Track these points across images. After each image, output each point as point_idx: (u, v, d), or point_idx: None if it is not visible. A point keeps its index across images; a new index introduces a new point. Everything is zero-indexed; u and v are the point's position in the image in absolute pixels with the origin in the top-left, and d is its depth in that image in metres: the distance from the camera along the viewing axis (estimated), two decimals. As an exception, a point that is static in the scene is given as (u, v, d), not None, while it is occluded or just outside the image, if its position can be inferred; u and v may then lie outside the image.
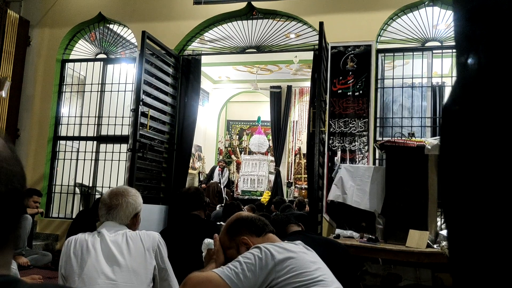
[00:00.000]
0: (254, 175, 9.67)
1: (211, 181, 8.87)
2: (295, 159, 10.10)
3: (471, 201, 0.36)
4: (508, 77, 0.37)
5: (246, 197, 9.35)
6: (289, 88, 9.94)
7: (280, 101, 9.93)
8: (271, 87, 10.02)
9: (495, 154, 0.36)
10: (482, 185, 0.36)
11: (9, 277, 0.52)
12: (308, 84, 7.46)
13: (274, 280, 1.32)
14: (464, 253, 0.37)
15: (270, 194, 9.17)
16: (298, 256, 1.39)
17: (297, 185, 9.76)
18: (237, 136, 11.50)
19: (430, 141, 3.75)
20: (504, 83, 0.37)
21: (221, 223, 3.21)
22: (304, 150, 9.28)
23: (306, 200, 6.42)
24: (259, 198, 9.11)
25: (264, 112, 10.56)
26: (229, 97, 10.79)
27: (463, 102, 0.38)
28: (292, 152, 10.20)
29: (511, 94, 0.37)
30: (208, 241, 1.62)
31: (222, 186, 8.83)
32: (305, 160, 9.18)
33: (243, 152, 10.86)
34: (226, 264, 1.40)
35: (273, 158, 9.93)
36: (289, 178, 10.00)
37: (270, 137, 10.06)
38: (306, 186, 8.69)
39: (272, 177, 9.69)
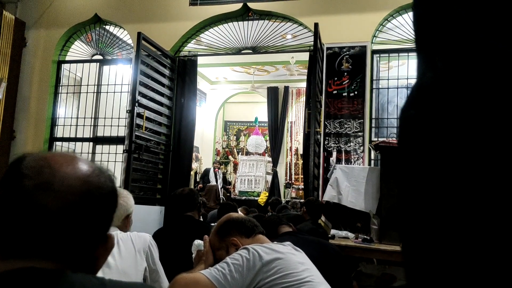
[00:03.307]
0: (252, 175, 9.66)
1: (210, 183, 8.84)
2: (292, 160, 10.10)
3: (425, 207, 0.36)
4: (463, 81, 0.37)
5: (244, 197, 9.34)
6: (286, 88, 9.95)
7: (277, 102, 9.94)
8: (268, 87, 10.02)
9: (450, 160, 0.36)
10: (437, 191, 0.36)
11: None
12: (305, 84, 7.47)
13: (262, 280, 1.33)
14: (419, 259, 0.37)
15: (267, 194, 9.17)
16: (286, 257, 1.40)
17: (294, 186, 9.76)
18: (235, 137, 11.50)
19: (425, 141, 3.75)
20: (459, 87, 0.37)
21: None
22: (301, 150, 9.28)
23: (298, 201, 6.35)
24: (256, 198, 9.12)
25: (261, 112, 10.55)
26: (226, 98, 10.80)
27: (419, 106, 0.39)
28: (289, 152, 10.20)
29: (465, 98, 0.37)
30: (197, 242, 1.63)
31: (219, 187, 8.82)
32: (302, 161, 9.17)
33: (240, 153, 10.86)
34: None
35: (270, 159, 9.94)
36: (287, 178, 10.01)
37: (268, 138, 10.07)
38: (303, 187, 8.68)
39: (269, 178, 9.69)
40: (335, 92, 4.81)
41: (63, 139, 5.86)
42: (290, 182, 9.91)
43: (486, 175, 0.34)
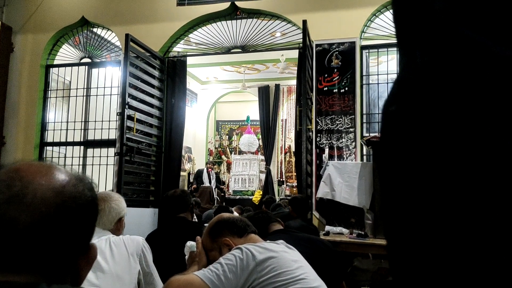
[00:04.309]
0: (245, 174, 9.66)
1: (203, 185, 8.82)
2: (285, 158, 10.11)
3: (408, 205, 0.36)
4: (443, 74, 0.37)
5: (238, 197, 9.34)
6: (277, 86, 9.95)
7: (268, 100, 9.93)
8: (259, 86, 10.01)
9: (430, 155, 0.36)
10: (417, 187, 0.36)
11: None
12: (295, 82, 7.47)
13: (256, 280, 1.33)
14: (402, 259, 0.37)
15: (261, 193, 9.18)
16: (279, 255, 1.39)
17: (288, 183, 9.77)
18: (227, 136, 11.49)
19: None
20: (439, 81, 0.37)
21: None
22: (294, 148, 9.29)
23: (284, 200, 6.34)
24: (250, 197, 9.12)
25: (253, 111, 10.55)
26: (217, 98, 10.78)
27: (400, 102, 0.38)
28: (282, 150, 10.21)
29: (445, 92, 0.37)
30: (190, 243, 1.62)
31: (213, 188, 8.80)
32: (294, 158, 9.18)
33: (233, 152, 10.84)
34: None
35: (263, 157, 9.94)
36: (280, 176, 10.01)
37: (260, 136, 10.07)
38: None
39: (263, 176, 9.69)
40: (326, 88, 4.82)
41: (53, 144, 5.81)
42: (281, 180, 9.92)
43: (468, 170, 0.34)
